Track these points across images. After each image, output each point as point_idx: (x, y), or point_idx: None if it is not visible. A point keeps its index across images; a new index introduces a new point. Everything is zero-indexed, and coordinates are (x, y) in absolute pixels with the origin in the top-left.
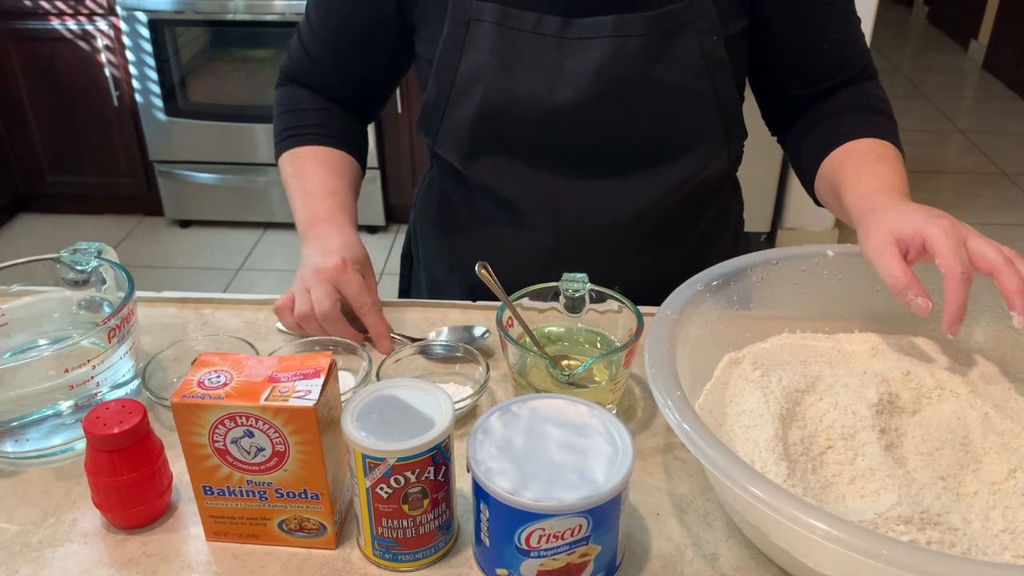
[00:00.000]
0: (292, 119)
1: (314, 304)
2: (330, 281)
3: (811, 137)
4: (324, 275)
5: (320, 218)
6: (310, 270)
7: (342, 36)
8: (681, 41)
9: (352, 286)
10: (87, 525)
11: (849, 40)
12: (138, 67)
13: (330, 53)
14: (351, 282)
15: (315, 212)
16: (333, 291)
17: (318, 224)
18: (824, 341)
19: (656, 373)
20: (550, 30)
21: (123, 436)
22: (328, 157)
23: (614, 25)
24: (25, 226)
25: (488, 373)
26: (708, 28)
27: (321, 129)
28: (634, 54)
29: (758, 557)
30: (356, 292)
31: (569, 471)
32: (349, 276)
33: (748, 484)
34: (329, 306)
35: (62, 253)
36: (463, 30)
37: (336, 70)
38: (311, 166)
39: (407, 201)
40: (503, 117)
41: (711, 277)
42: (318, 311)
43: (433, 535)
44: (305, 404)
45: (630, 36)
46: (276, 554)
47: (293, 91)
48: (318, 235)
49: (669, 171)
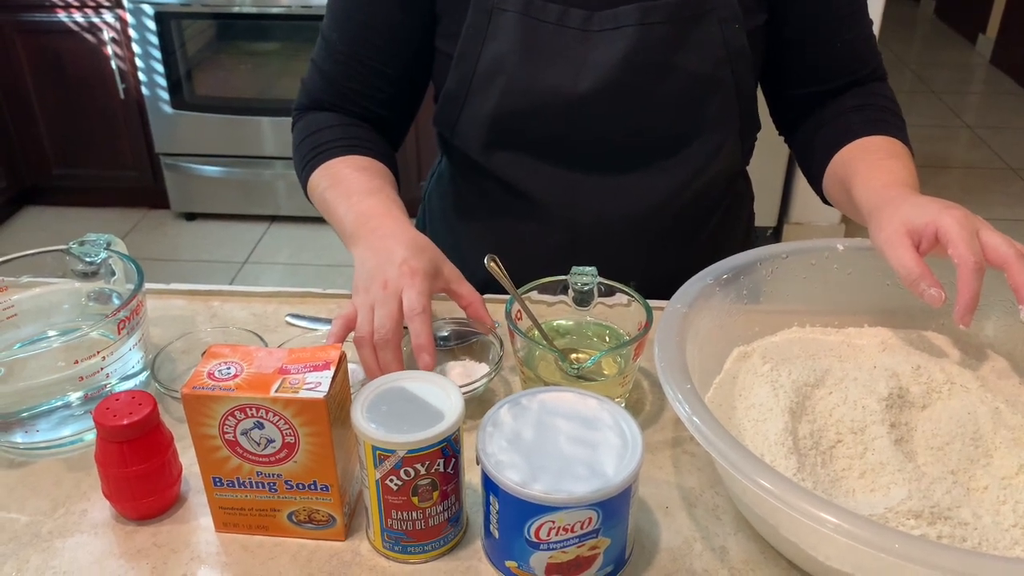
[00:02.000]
0: (317, 139)
1: (376, 326)
2: (396, 296)
3: (819, 136)
4: (391, 289)
5: (372, 213)
6: (378, 283)
7: (365, 43)
8: (703, 29)
9: (411, 291)
10: (97, 516)
11: (860, 41)
12: (144, 60)
13: (354, 67)
14: (411, 287)
15: (364, 209)
16: (397, 310)
17: (371, 220)
18: (833, 335)
19: (666, 366)
20: (574, 23)
21: (133, 427)
22: (366, 164)
23: (638, 14)
24: (31, 218)
25: (502, 350)
26: (730, 17)
27: (350, 141)
28: (657, 42)
29: (767, 551)
30: (412, 296)
31: (579, 464)
32: (415, 283)
33: (758, 477)
34: (390, 330)
35: (71, 245)
36: (486, 19)
37: (360, 83)
38: (349, 172)
39: (414, 195)
40: (524, 108)
41: (721, 271)
42: (378, 336)
43: (442, 527)
44: (315, 396)
45: (654, 24)
46: (285, 545)
47: (314, 116)
48: (377, 235)
49: (685, 164)
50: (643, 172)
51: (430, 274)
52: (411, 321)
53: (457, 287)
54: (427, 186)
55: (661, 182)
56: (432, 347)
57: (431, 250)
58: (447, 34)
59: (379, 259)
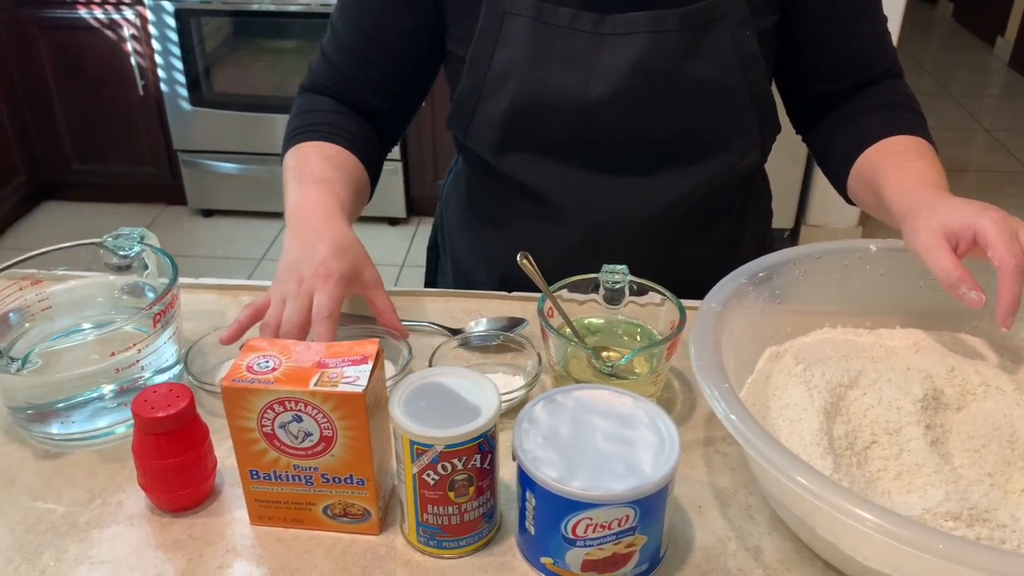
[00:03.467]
0: (302, 119)
1: (284, 320)
2: (308, 294)
3: (841, 136)
4: (305, 287)
5: (308, 202)
6: (294, 278)
7: (370, 39)
8: (715, 36)
9: (322, 295)
10: (133, 507)
11: (875, 38)
12: (164, 57)
13: (356, 58)
14: (323, 291)
15: (303, 196)
16: (306, 307)
17: (304, 209)
18: (865, 336)
19: (702, 365)
20: (585, 26)
21: (171, 419)
22: (333, 152)
23: (649, 20)
24: (50, 214)
25: (540, 365)
26: (741, 22)
27: (332, 128)
28: (669, 49)
29: (802, 551)
30: (321, 300)
31: (616, 461)
32: (327, 287)
33: (799, 476)
34: (296, 324)
35: (105, 238)
36: (497, 24)
37: (362, 75)
38: (313, 158)
39: (429, 193)
40: (536, 112)
41: (755, 270)
42: (284, 329)
43: (477, 523)
44: (354, 390)
45: (665, 31)
46: (320, 539)
47: (311, 97)
48: (306, 227)
49: (702, 166)
50: (657, 173)
51: (347, 277)
52: (316, 324)
53: (372, 294)
54: (444, 185)
55: (676, 183)
56: None
57: (353, 252)
58: (459, 37)
59: (300, 254)
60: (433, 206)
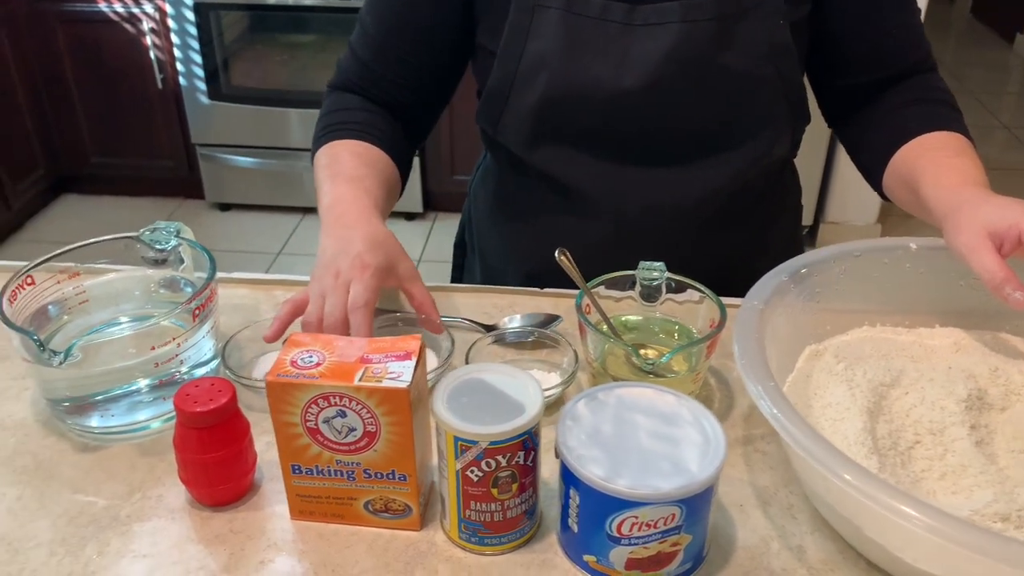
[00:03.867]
0: (334, 118)
1: (325, 315)
2: (345, 286)
3: (876, 132)
4: (342, 279)
5: (343, 199)
6: (331, 273)
7: (399, 34)
8: (747, 26)
9: (358, 285)
10: (173, 501)
11: (909, 30)
12: (182, 50)
13: (385, 55)
14: (359, 281)
15: (338, 194)
16: (345, 301)
17: (338, 206)
18: (905, 335)
19: (747, 364)
20: (616, 16)
21: (213, 414)
22: (363, 149)
23: (682, 11)
24: (68, 207)
25: (577, 363)
26: (774, 12)
27: (362, 126)
28: (701, 39)
29: (846, 551)
30: (358, 290)
31: (661, 460)
32: (363, 278)
33: (850, 475)
34: (338, 319)
35: (142, 232)
36: (528, 16)
37: (391, 71)
38: (344, 156)
39: (446, 188)
40: (567, 104)
41: (796, 267)
42: (326, 324)
43: (519, 519)
44: (398, 386)
45: (697, 21)
46: (361, 534)
47: (340, 96)
48: (340, 224)
49: (732, 157)
50: (689, 165)
51: (383, 269)
52: (352, 313)
53: (409, 286)
54: (472, 182)
55: (708, 175)
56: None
57: (388, 245)
58: (489, 30)
59: (336, 249)
60: (450, 201)
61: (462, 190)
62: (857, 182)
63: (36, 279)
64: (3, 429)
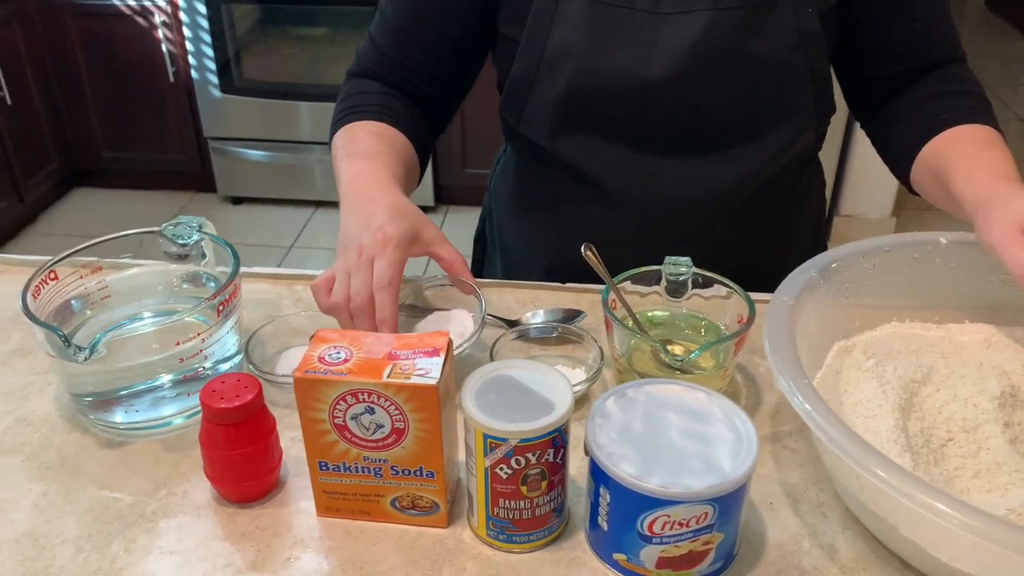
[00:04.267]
0: (351, 101)
1: (352, 294)
2: (370, 262)
3: (904, 125)
4: (365, 255)
5: (362, 175)
6: (354, 249)
7: (419, 21)
8: (777, 14)
9: (381, 262)
10: (198, 498)
11: (937, 21)
12: (194, 43)
13: (405, 42)
14: (383, 257)
15: (356, 171)
16: (372, 277)
17: (357, 182)
18: (934, 331)
19: (779, 361)
20: (643, 5)
21: (240, 410)
22: (382, 129)
23: None
24: (80, 200)
25: (603, 360)
26: (803, 0)
27: (381, 109)
28: (729, 27)
29: (878, 550)
30: (381, 267)
31: (693, 458)
32: (387, 252)
33: (889, 474)
34: (365, 299)
35: (164, 226)
36: (552, 4)
37: (410, 59)
38: (363, 135)
39: (457, 182)
40: (592, 93)
41: (825, 262)
42: (354, 304)
43: (548, 517)
44: (427, 382)
45: (726, 9)
46: (388, 531)
47: (358, 82)
48: (361, 199)
49: (758, 149)
50: (715, 157)
51: (406, 240)
52: (377, 293)
53: (437, 249)
54: (492, 175)
55: (734, 167)
56: (394, 321)
57: (411, 214)
58: (512, 19)
59: (358, 224)
60: (462, 195)
61: (474, 184)
62: (872, 175)
63: (59, 274)
64: (27, 424)
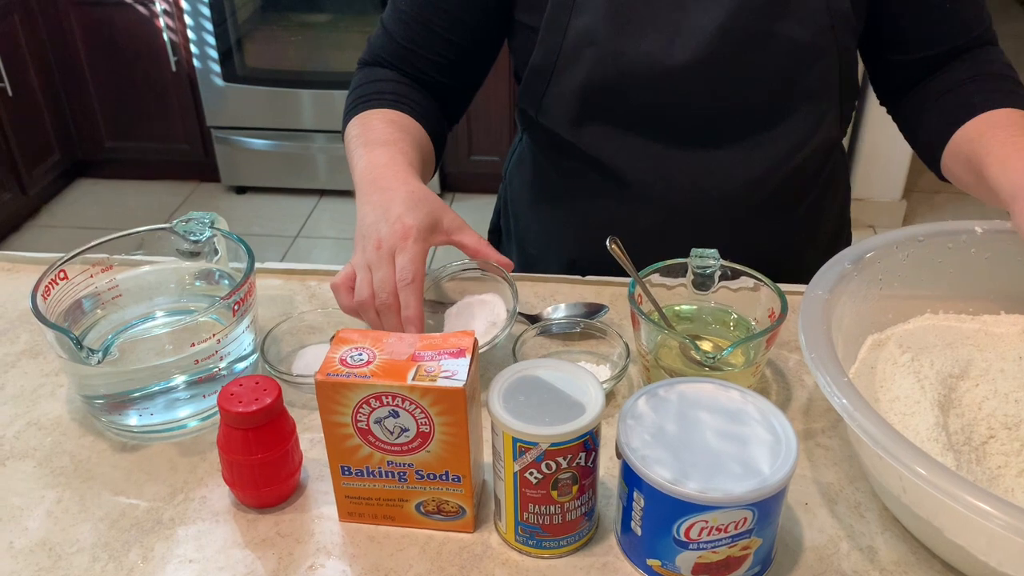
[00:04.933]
0: (365, 90)
1: (376, 290)
2: (390, 255)
3: (934, 109)
4: (385, 248)
5: (378, 164)
6: (372, 243)
7: (433, 9)
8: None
9: (403, 257)
10: (217, 503)
11: (969, 1)
12: (196, 32)
13: (418, 31)
14: (404, 251)
15: (372, 159)
16: (394, 273)
17: (374, 171)
18: (968, 323)
19: (816, 358)
20: None
21: (259, 414)
22: (397, 117)
23: None
24: (83, 191)
25: (628, 357)
26: None
27: (396, 97)
28: (757, 9)
29: (919, 551)
30: (403, 263)
31: (730, 460)
32: (407, 246)
33: (939, 478)
34: (390, 294)
35: (175, 223)
36: None
37: (424, 47)
38: (377, 124)
39: (463, 169)
40: (615, 81)
41: (858, 253)
42: (379, 301)
43: (579, 521)
44: (454, 385)
45: None
46: (413, 536)
47: (373, 70)
48: (377, 188)
49: (784, 136)
50: (740, 145)
51: (426, 229)
52: (401, 292)
53: (459, 237)
54: (507, 166)
55: (759, 156)
56: (420, 320)
57: (429, 202)
58: (530, 7)
59: (375, 215)
60: (468, 182)
61: (480, 171)
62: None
63: (69, 273)
64: (39, 428)
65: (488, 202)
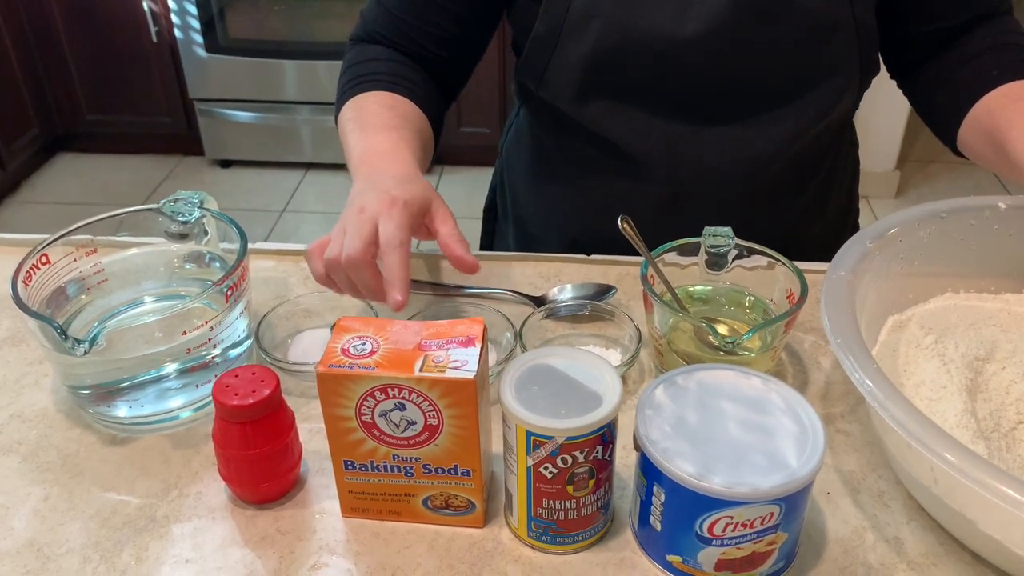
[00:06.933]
0: (358, 70)
1: (343, 249)
2: (371, 221)
3: (950, 82)
4: (367, 214)
5: (377, 150)
6: (355, 209)
7: None
8: None
9: (389, 223)
10: (213, 499)
11: None
12: (177, 2)
13: (415, 2)
14: (392, 218)
15: (371, 145)
16: (370, 233)
17: (372, 156)
18: (991, 302)
19: (843, 343)
20: None
21: (256, 407)
22: (395, 102)
23: None
24: (64, 166)
25: (640, 342)
26: None
27: (392, 78)
28: None
29: (946, 542)
30: (389, 229)
31: (755, 453)
32: (393, 213)
33: (980, 474)
34: (358, 249)
35: (163, 203)
36: None
37: (420, 19)
38: (374, 108)
39: (452, 141)
40: (621, 53)
41: (880, 231)
42: (345, 255)
43: (594, 516)
44: (464, 376)
45: None
46: (420, 532)
47: (365, 47)
48: (372, 169)
49: (798, 113)
50: (751, 122)
51: (413, 204)
52: (385, 255)
53: (438, 224)
54: (503, 142)
55: (771, 133)
56: (405, 283)
57: (420, 182)
58: None
59: (364, 186)
60: (457, 154)
61: (470, 143)
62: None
63: (51, 257)
64: (23, 421)
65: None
